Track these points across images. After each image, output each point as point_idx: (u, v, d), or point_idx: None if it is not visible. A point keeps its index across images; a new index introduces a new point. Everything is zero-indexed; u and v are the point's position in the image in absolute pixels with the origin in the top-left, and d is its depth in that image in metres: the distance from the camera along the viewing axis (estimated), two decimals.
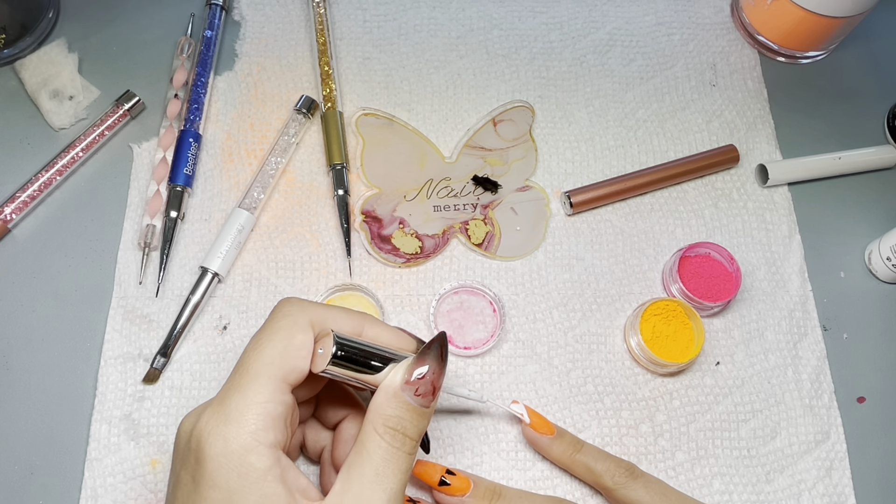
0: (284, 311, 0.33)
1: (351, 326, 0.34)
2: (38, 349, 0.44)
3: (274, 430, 0.30)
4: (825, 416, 0.46)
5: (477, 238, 0.48)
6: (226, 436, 0.29)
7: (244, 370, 0.31)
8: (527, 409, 0.42)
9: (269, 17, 0.54)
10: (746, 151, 0.53)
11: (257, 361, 0.31)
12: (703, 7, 0.58)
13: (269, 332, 0.32)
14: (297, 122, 0.49)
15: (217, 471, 0.29)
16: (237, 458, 0.29)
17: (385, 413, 0.31)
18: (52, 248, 0.46)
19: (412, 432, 0.32)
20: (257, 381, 0.31)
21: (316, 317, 0.33)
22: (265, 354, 0.31)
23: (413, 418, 0.32)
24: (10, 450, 0.41)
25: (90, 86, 0.51)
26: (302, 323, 0.33)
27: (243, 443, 0.29)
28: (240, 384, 0.31)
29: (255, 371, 0.31)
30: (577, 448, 0.41)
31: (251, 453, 0.29)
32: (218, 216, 0.48)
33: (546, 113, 0.53)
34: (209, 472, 0.29)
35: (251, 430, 0.30)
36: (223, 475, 0.29)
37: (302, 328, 0.33)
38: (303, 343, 0.32)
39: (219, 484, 0.29)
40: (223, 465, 0.29)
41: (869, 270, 0.50)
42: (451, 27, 0.55)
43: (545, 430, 0.41)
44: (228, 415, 0.30)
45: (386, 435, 0.31)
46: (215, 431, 0.30)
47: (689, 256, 0.47)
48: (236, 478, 0.29)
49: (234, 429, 0.29)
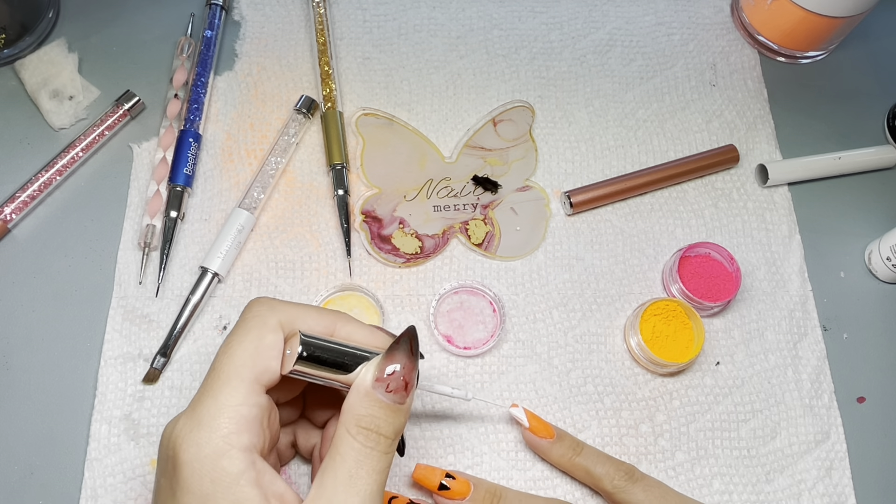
0: (254, 312, 0.33)
1: (322, 326, 0.34)
2: (38, 349, 0.44)
3: (248, 433, 0.30)
4: (825, 416, 0.46)
5: (477, 238, 0.48)
6: (198, 441, 0.29)
7: (216, 374, 0.31)
8: (526, 413, 0.42)
9: (269, 17, 0.54)
10: (746, 151, 0.53)
11: (228, 364, 0.31)
12: (703, 7, 0.58)
13: (238, 334, 0.32)
14: (297, 122, 0.49)
15: (191, 476, 0.29)
16: (209, 462, 0.29)
17: (358, 413, 0.31)
18: (52, 248, 0.46)
19: (387, 431, 0.31)
20: (229, 385, 0.30)
21: (286, 317, 0.33)
22: (236, 357, 0.31)
23: (387, 416, 0.31)
24: (10, 450, 0.41)
25: (90, 86, 0.51)
26: (271, 323, 0.32)
27: (215, 447, 0.29)
28: (211, 388, 0.31)
29: (226, 374, 0.31)
30: (576, 451, 0.41)
31: (223, 457, 0.29)
32: (218, 216, 0.48)
33: (546, 113, 0.53)
34: (184, 478, 0.29)
35: (223, 434, 0.29)
36: (196, 481, 0.29)
37: (272, 328, 0.32)
38: (272, 343, 0.32)
39: (193, 490, 0.29)
40: (196, 470, 0.29)
41: (869, 270, 0.50)
42: (451, 27, 0.55)
43: (544, 433, 0.41)
44: (201, 420, 0.30)
45: (359, 435, 0.30)
46: (188, 437, 0.29)
47: (689, 256, 0.47)
48: (209, 483, 0.29)
49: (206, 434, 0.29)
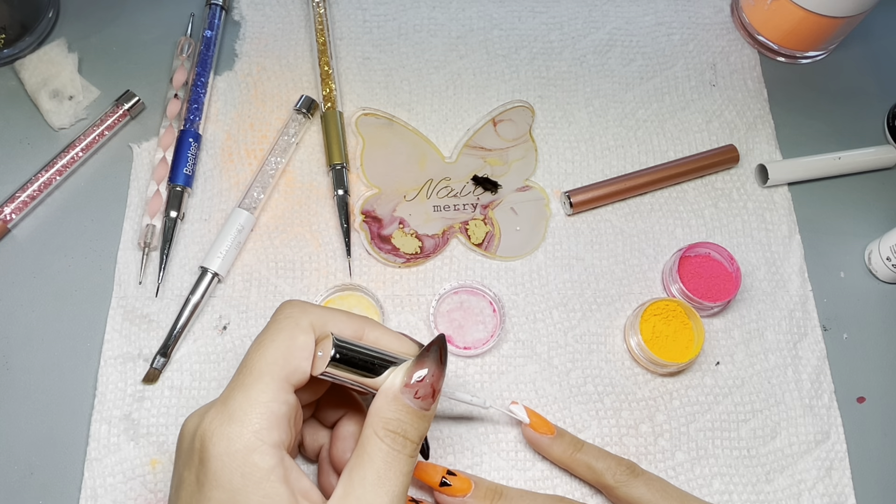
0: (286, 313, 0.33)
1: (352, 329, 0.34)
2: (38, 349, 0.44)
3: (278, 430, 0.30)
4: (825, 416, 0.46)
5: (477, 238, 0.48)
6: (229, 435, 0.29)
7: (248, 370, 0.31)
8: (526, 410, 0.42)
9: (269, 17, 0.54)
10: (746, 151, 0.53)
11: (260, 361, 0.31)
12: (703, 7, 0.58)
13: (271, 333, 0.33)
14: (296, 122, 0.49)
15: (221, 470, 0.29)
16: (241, 457, 0.29)
17: (385, 416, 0.31)
18: (52, 248, 0.46)
19: (413, 435, 0.32)
20: (261, 381, 0.31)
21: (317, 319, 0.33)
22: (268, 354, 0.32)
23: (413, 421, 0.32)
24: (10, 450, 0.41)
25: (90, 86, 0.51)
26: (303, 325, 0.33)
27: (247, 442, 0.29)
28: (243, 384, 0.31)
29: (258, 371, 0.31)
30: (577, 447, 0.41)
31: (255, 453, 0.29)
32: (218, 216, 0.48)
33: (546, 113, 0.53)
34: (213, 472, 0.29)
35: (255, 430, 0.30)
36: (227, 475, 0.29)
37: (303, 330, 0.33)
38: (304, 344, 0.32)
39: (222, 484, 0.29)
40: (227, 464, 0.29)
41: (869, 270, 0.50)
42: (451, 27, 0.55)
43: (545, 430, 0.41)
44: (232, 414, 0.30)
45: (387, 438, 0.31)
46: (219, 431, 0.29)
47: (689, 256, 0.47)
48: (239, 477, 0.29)
49: (238, 428, 0.29)
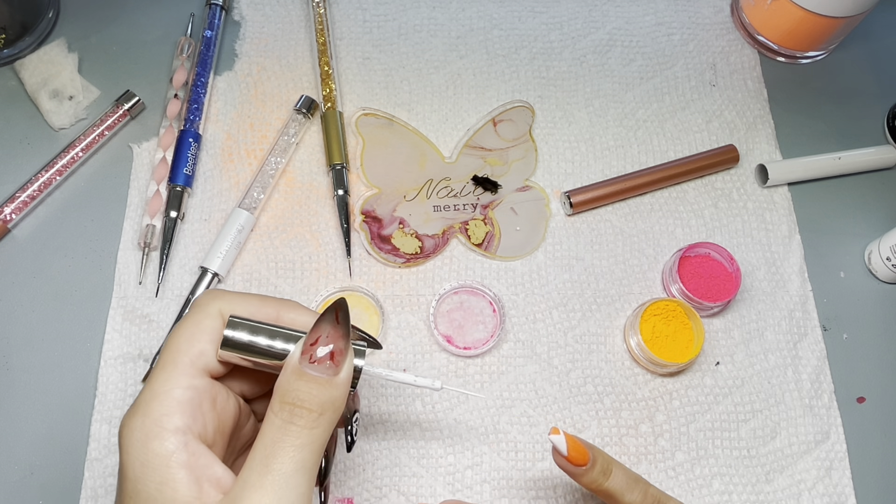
0: (196, 303, 0.33)
1: (265, 313, 0.33)
2: (38, 349, 0.44)
3: (180, 415, 0.29)
4: (825, 416, 0.46)
5: (477, 238, 0.48)
6: (132, 426, 0.29)
7: (156, 366, 0.31)
8: (566, 438, 0.36)
9: (269, 17, 0.54)
10: (746, 151, 0.53)
11: (165, 353, 0.31)
12: (703, 7, 0.58)
13: (180, 324, 0.32)
14: (296, 122, 0.49)
15: (126, 462, 0.29)
16: (140, 445, 0.29)
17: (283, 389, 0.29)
18: (52, 248, 0.46)
19: (310, 403, 0.29)
20: (164, 371, 0.31)
21: (227, 305, 0.33)
22: (172, 343, 0.31)
23: (311, 388, 0.29)
24: (10, 450, 0.41)
25: (90, 86, 0.51)
26: (210, 311, 0.32)
27: (146, 430, 0.29)
28: (150, 378, 0.31)
29: (163, 361, 0.31)
30: (606, 474, 0.37)
31: (154, 440, 0.29)
32: (218, 216, 0.48)
33: (546, 113, 0.53)
34: (122, 465, 0.29)
35: (154, 418, 0.29)
36: (130, 465, 0.29)
37: (209, 315, 0.32)
38: (207, 328, 0.32)
39: (127, 475, 0.29)
40: (130, 454, 0.29)
41: (869, 270, 0.50)
42: (451, 27, 0.55)
43: (581, 460, 0.37)
44: (137, 406, 0.30)
45: (281, 412, 0.29)
46: (126, 424, 0.30)
47: (689, 256, 0.47)
48: (140, 466, 0.29)
49: (140, 419, 0.29)
